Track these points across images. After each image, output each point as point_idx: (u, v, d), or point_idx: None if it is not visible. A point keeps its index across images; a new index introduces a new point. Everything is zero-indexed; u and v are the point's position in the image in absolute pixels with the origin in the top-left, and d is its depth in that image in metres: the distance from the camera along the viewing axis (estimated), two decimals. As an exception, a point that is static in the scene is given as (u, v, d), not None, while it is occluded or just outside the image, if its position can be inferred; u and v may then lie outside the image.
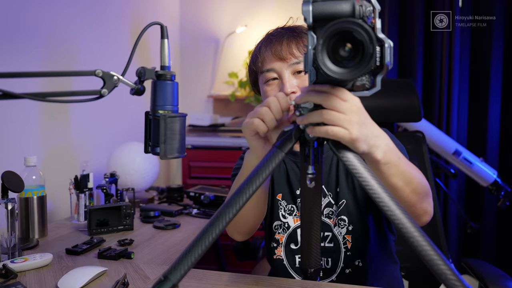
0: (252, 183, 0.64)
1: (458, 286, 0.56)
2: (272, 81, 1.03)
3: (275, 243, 1.11)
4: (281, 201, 1.12)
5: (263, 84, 1.05)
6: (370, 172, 0.63)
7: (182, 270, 0.61)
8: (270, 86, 1.03)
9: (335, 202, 1.07)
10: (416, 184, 0.81)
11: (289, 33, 1.02)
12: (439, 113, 2.35)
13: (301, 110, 0.66)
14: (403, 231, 0.59)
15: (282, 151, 0.66)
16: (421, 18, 2.32)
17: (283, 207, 1.11)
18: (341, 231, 1.06)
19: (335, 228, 1.06)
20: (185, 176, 2.41)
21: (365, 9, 0.58)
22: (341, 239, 1.06)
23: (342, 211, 1.06)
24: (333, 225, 1.07)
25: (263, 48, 1.04)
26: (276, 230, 1.12)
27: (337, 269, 1.06)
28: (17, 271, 0.97)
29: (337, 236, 1.06)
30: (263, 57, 1.03)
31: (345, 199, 1.07)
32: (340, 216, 1.07)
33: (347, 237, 1.06)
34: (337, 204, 1.07)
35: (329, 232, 1.07)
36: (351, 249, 1.06)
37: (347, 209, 1.06)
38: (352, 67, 0.57)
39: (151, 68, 0.72)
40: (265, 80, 1.04)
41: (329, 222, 1.07)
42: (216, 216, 0.63)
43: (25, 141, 1.54)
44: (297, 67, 1.00)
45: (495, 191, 1.97)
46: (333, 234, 1.06)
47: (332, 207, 1.07)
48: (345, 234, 1.06)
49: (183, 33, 2.81)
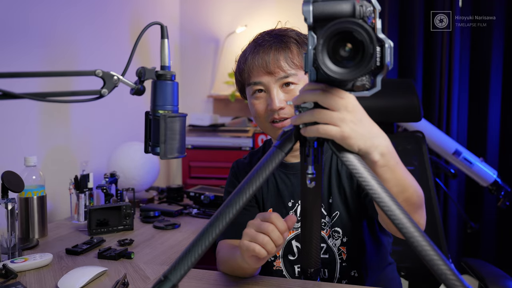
0: (252, 183, 0.64)
1: (458, 286, 0.56)
2: (259, 93, 1.01)
3: (272, 257, 1.09)
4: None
5: (251, 97, 1.04)
6: (370, 172, 0.63)
7: (182, 270, 0.61)
8: (258, 99, 1.02)
9: (327, 213, 1.05)
10: (410, 193, 0.77)
11: (277, 44, 1.00)
12: (439, 113, 2.35)
13: (301, 110, 0.66)
14: (403, 231, 0.59)
15: (282, 151, 0.66)
16: (421, 18, 2.32)
17: None
18: (335, 242, 1.04)
19: (329, 239, 1.05)
20: (185, 176, 2.41)
21: (366, 9, 0.58)
22: (336, 251, 1.04)
23: (336, 223, 1.04)
24: (327, 237, 1.05)
25: (250, 59, 1.01)
26: None
27: (333, 280, 1.04)
28: (17, 271, 0.97)
29: (331, 247, 1.04)
30: (250, 69, 1.01)
31: (338, 210, 1.05)
32: (334, 228, 1.04)
33: (342, 249, 1.04)
34: (330, 216, 1.05)
35: (323, 243, 1.05)
36: (346, 260, 1.04)
37: (340, 221, 1.04)
38: (352, 67, 0.57)
39: (151, 68, 0.72)
40: (252, 92, 1.03)
41: (323, 233, 1.05)
42: (216, 216, 0.63)
43: (25, 141, 1.54)
44: (285, 80, 0.98)
45: (495, 191, 1.97)
46: (328, 246, 1.05)
47: (324, 218, 1.05)
48: (340, 246, 1.04)
49: (183, 33, 2.81)
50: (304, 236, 0.84)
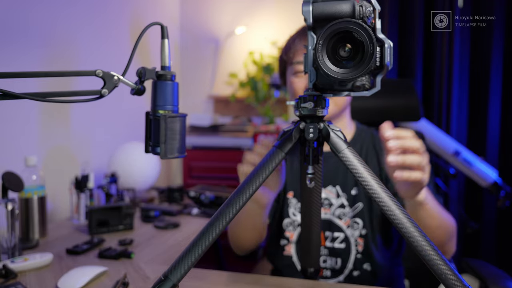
0: (252, 183, 0.64)
1: (458, 286, 0.56)
2: (301, 74, 1.05)
3: (285, 240, 1.13)
4: (291, 199, 1.13)
5: (292, 75, 1.07)
6: (370, 172, 0.63)
7: (182, 270, 0.61)
8: (299, 78, 1.06)
9: (350, 204, 1.08)
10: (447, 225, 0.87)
11: None
12: (439, 113, 2.34)
13: (302, 110, 0.66)
14: (403, 231, 0.60)
15: (282, 151, 0.66)
16: (421, 18, 2.32)
17: (293, 205, 1.12)
18: (354, 233, 1.07)
19: (348, 229, 1.07)
20: (186, 176, 2.41)
21: (365, 10, 0.58)
22: (353, 241, 1.07)
23: (358, 214, 1.07)
24: (346, 227, 1.07)
25: (297, 40, 1.06)
26: (286, 227, 1.13)
27: (345, 270, 1.07)
28: (17, 271, 0.97)
29: (349, 238, 1.07)
30: (296, 48, 1.06)
31: (361, 202, 1.08)
32: (354, 218, 1.07)
33: (359, 240, 1.07)
34: (351, 206, 1.08)
35: (341, 233, 1.08)
36: (362, 252, 1.06)
37: (362, 213, 1.07)
38: (352, 67, 0.57)
39: (152, 68, 0.72)
40: (294, 71, 1.07)
41: (340, 223, 1.08)
42: (216, 216, 0.64)
43: (25, 141, 1.54)
44: None
45: (495, 192, 1.96)
46: (346, 236, 1.07)
47: (345, 208, 1.08)
48: (358, 237, 1.07)
49: (183, 33, 2.81)
50: (304, 235, 0.84)
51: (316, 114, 0.65)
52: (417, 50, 2.34)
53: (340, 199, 1.09)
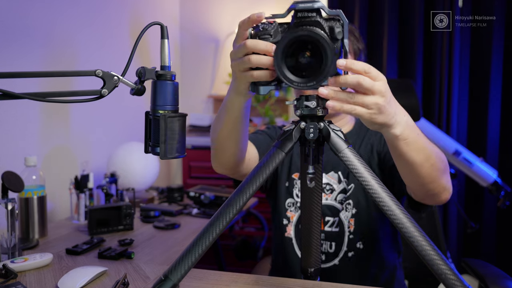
0: (252, 183, 0.64)
1: (458, 286, 0.56)
2: None
3: (287, 220, 1.16)
4: (297, 180, 1.15)
5: None
6: (370, 172, 0.63)
7: (182, 270, 0.61)
8: None
9: (347, 186, 1.11)
10: (435, 160, 0.82)
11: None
12: (439, 113, 2.34)
13: (302, 110, 0.66)
14: (403, 231, 0.60)
15: (282, 151, 0.66)
16: (421, 18, 2.32)
17: (298, 186, 1.14)
18: (347, 215, 1.10)
19: (341, 212, 1.10)
20: (185, 176, 2.41)
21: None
22: (346, 223, 1.10)
23: (350, 195, 1.10)
24: (340, 208, 1.10)
25: None
26: (289, 207, 1.16)
27: (340, 253, 1.09)
28: (17, 271, 0.97)
29: (343, 220, 1.10)
30: None
31: (354, 183, 1.11)
32: (347, 200, 1.10)
33: (350, 221, 1.10)
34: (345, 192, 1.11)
35: (336, 217, 1.10)
36: (353, 232, 1.09)
37: (354, 193, 1.10)
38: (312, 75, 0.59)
39: (151, 68, 0.72)
40: None
41: (338, 205, 1.11)
42: (216, 216, 0.64)
43: (25, 141, 1.54)
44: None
45: (495, 191, 1.97)
46: (340, 219, 1.10)
47: (345, 193, 1.11)
48: (350, 218, 1.10)
49: (183, 33, 2.81)
50: (304, 235, 0.84)
51: (317, 114, 0.65)
52: (417, 50, 2.34)
53: (342, 184, 1.12)
